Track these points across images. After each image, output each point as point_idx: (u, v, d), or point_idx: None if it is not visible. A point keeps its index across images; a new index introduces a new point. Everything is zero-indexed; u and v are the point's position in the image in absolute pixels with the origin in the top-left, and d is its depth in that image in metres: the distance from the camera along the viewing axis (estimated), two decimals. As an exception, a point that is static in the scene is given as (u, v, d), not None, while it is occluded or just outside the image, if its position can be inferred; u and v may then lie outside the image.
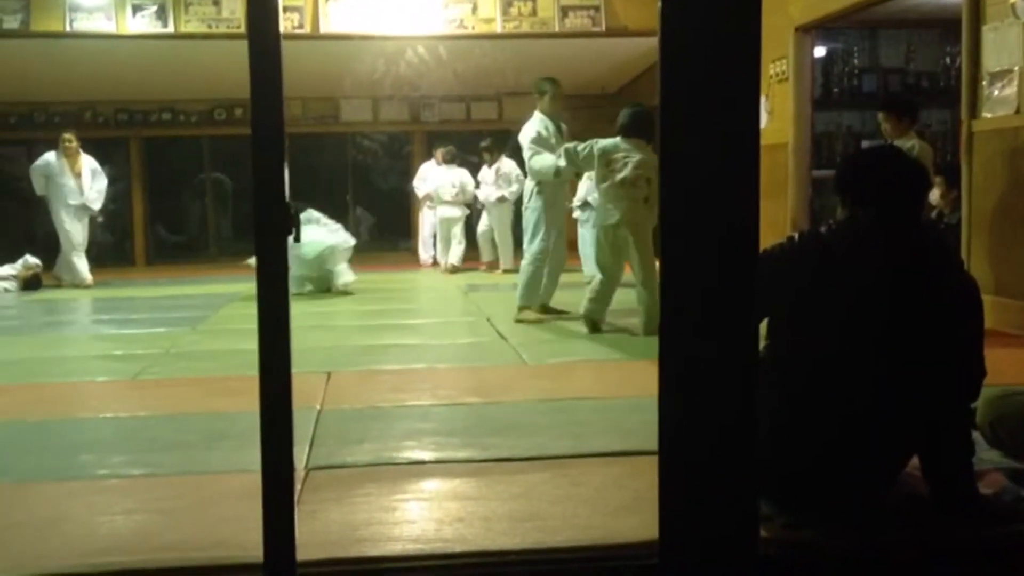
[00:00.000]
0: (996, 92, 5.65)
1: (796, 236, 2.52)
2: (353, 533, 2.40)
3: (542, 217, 6.38)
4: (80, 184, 9.61)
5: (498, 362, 4.99)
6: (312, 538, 2.26)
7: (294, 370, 4.74)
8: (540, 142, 6.33)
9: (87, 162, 9.72)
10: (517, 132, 6.65)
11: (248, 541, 2.27)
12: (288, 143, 2.05)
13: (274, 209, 2.00)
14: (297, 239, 2.04)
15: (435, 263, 11.33)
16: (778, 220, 7.83)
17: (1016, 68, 5.41)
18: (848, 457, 2.39)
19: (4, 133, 12.60)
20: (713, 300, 2.06)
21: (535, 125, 6.41)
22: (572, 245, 8.35)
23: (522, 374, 4.68)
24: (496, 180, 10.40)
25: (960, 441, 2.46)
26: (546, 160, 6.22)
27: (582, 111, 13.23)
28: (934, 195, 6.32)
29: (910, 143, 5.68)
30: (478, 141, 11.50)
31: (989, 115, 5.66)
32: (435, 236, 11.26)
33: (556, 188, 6.47)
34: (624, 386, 4.30)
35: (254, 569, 2.06)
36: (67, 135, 9.72)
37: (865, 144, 8.26)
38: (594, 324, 5.75)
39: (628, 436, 3.27)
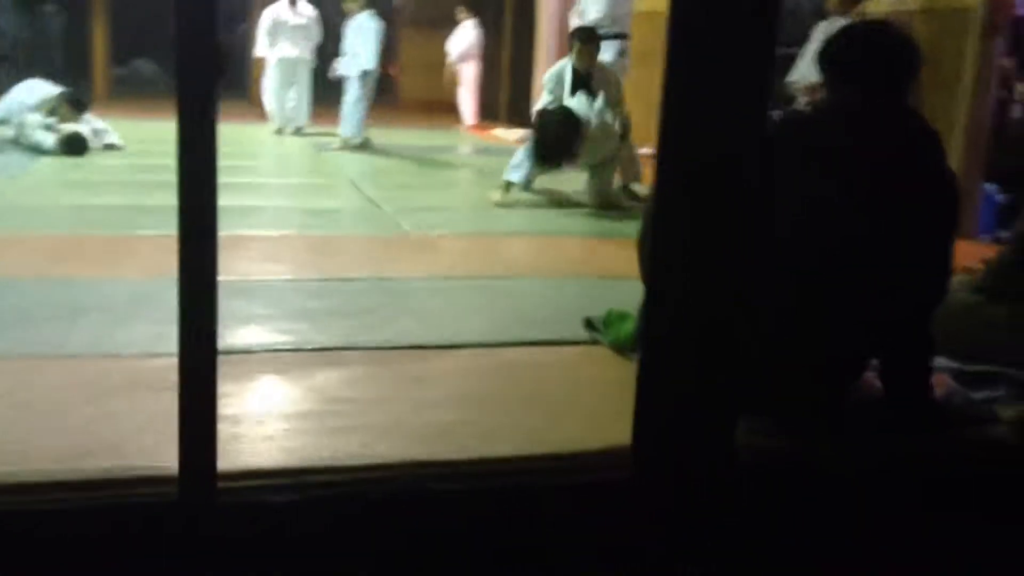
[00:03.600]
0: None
1: (776, 117, 2.27)
2: (270, 439, 2.05)
3: None
4: None
5: (376, 231, 4.61)
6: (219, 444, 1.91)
7: (138, 232, 4.22)
8: None
9: None
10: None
11: (139, 448, 1.91)
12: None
13: (200, 46, 1.56)
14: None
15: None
16: (653, 90, 7.62)
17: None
18: (813, 358, 2.22)
19: None
20: (707, 192, 1.80)
21: None
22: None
23: (407, 245, 4.32)
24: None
25: (922, 342, 2.34)
26: None
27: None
28: None
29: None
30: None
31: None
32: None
33: None
34: (523, 265, 4.04)
35: (166, 483, 1.71)
36: None
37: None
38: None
39: (543, 323, 3.03)
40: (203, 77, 1.56)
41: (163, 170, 6.14)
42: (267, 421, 2.13)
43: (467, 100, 10.82)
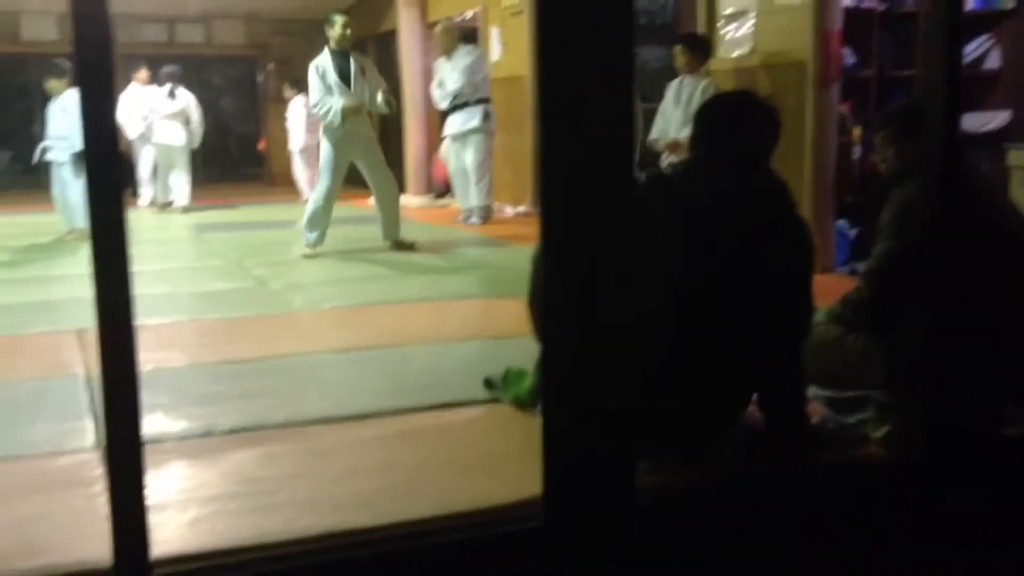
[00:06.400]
0: (731, 34, 5.98)
1: (642, 177, 2.48)
2: (195, 523, 2.10)
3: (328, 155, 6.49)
4: None
5: (267, 310, 4.65)
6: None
7: (31, 330, 4.14)
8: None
9: None
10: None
11: (59, 546, 1.93)
12: None
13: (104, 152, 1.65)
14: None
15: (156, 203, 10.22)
16: (519, 151, 7.91)
17: (751, 11, 5.75)
18: (696, 398, 2.41)
19: None
20: (591, 242, 1.97)
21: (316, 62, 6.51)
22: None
23: (299, 322, 4.39)
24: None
25: (795, 377, 2.56)
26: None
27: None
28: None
29: (705, 80, 5.77)
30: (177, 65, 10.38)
31: (725, 56, 5.99)
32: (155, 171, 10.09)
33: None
34: (417, 332, 4.14)
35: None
36: None
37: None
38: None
39: (442, 387, 3.14)
40: (113, 177, 1.64)
41: (27, 265, 6.05)
42: (188, 507, 2.18)
43: (303, 173, 10.90)
